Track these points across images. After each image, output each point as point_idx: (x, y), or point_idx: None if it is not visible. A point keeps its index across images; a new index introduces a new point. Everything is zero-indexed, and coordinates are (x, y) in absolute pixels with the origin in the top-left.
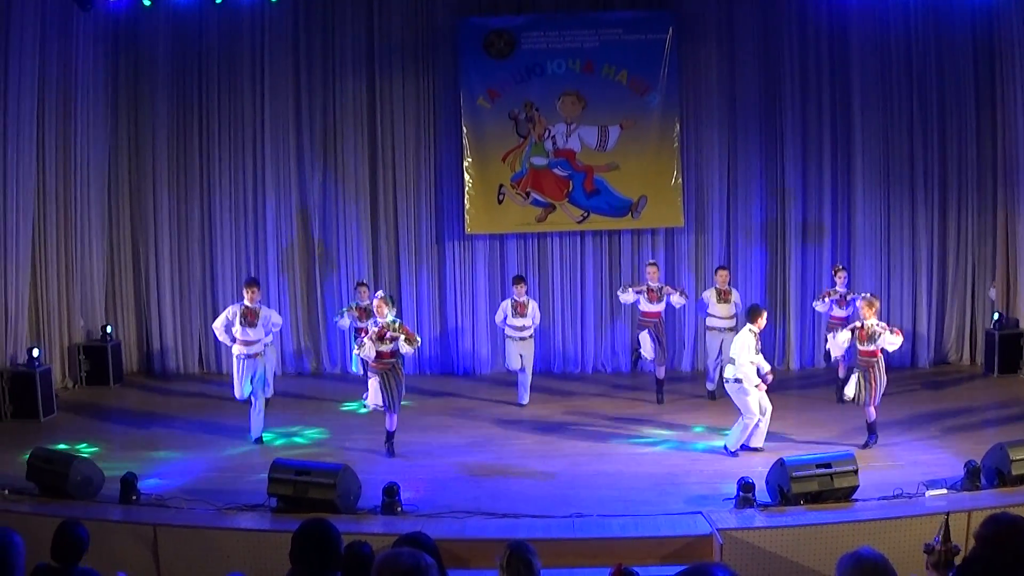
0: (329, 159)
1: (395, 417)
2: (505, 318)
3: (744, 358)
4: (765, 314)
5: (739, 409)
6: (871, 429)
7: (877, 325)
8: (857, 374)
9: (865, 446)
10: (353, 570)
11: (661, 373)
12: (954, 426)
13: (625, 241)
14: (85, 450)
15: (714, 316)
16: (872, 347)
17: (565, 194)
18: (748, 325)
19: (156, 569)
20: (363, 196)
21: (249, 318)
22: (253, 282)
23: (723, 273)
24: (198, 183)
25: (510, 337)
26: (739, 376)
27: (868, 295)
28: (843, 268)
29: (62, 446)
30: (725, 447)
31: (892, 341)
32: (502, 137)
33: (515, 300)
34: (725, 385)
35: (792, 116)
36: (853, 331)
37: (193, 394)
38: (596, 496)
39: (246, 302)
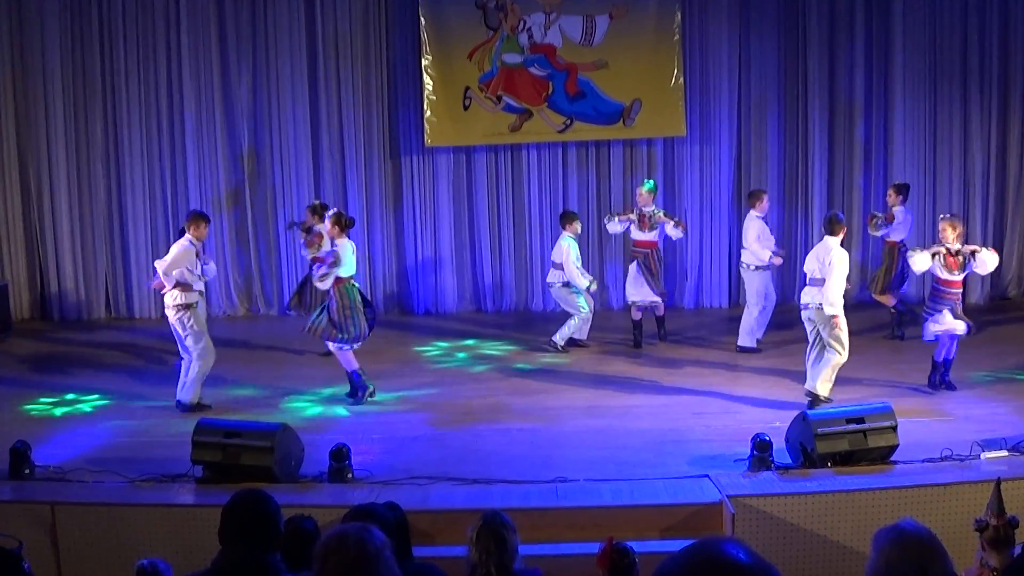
0: (260, 58)
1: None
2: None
3: (840, 276)
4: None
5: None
6: (949, 367)
7: (968, 247)
8: (944, 311)
9: (951, 386)
10: (295, 549)
11: (661, 310)
12: (1016, 375)
13: (616, 153)
14: None
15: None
16: (961, 276)
17: (544, 98)
18: (831, 238)
19: (55, 556)
20: (301, 103)
21: (202, 258)
22: (205, 217)
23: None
24: (100, 90)
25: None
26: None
27: (949, 216)
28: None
29: None
30: (809, 394)
31: (990, 259)
32: (468, 30)
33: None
34: (807, 312)
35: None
36: (935, 255)
37: (99, 344)
38: (583, 457)
39: (195, 238)
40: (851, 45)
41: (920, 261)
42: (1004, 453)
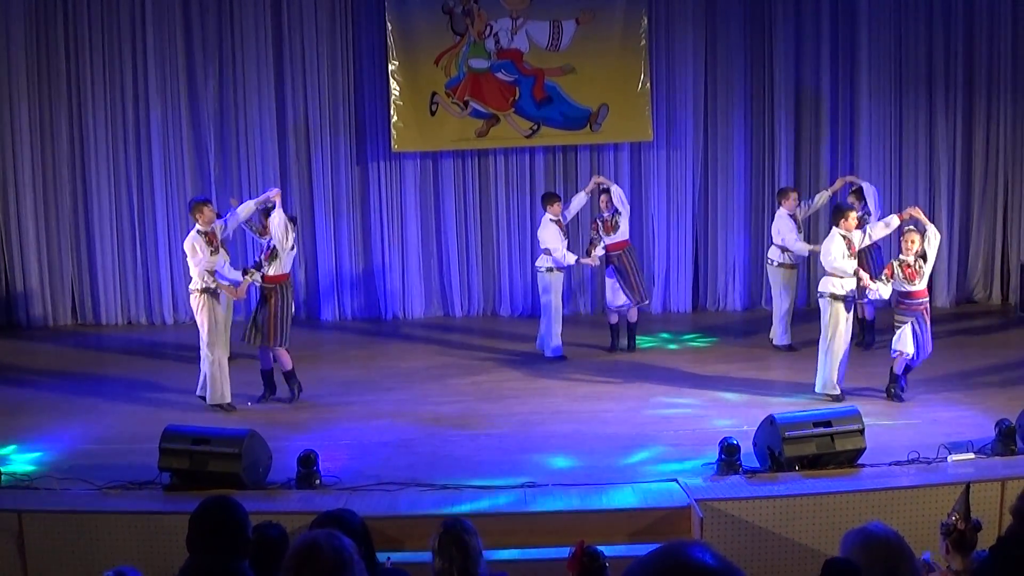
0: (226, 62)
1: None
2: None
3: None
4: (853, 214)
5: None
6: (897, 376)
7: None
8: (910, 323)
9: (898, 397)
10: (263, 556)
11: (634, 316)
12: (982, 378)
13: (583, 158)
14: None
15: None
16: (923, 286)
17: (510, 103)
18: (836, 229)
19: (22, 565)
20: (267, 107)
21: (212, 243)
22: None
23: None
24: (65, 91)
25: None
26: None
27: (912, 226)
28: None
29: None
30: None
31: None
32: (435, 35)
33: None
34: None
35: (784, 4)
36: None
37: (65, 349)
38: (552, 462)
39: (200, 227)
40: (817, 49)
41: (883, 290)
42: (970, 456)
